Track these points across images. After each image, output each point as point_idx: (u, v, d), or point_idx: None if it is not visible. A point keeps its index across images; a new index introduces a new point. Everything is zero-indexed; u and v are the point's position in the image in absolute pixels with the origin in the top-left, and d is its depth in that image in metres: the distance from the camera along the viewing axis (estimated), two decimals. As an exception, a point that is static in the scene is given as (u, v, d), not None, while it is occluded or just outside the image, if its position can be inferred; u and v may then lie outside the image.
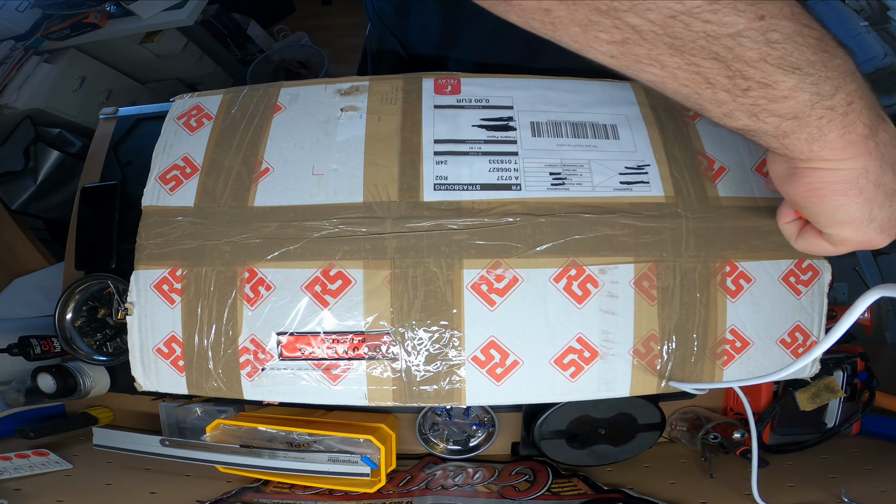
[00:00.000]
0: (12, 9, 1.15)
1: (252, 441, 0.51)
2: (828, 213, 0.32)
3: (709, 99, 0.28)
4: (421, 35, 0.69)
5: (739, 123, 0.30)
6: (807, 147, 0.29)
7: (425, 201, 0.46)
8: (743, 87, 0.27)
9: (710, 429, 0.54)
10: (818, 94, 0.27)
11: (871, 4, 1.00)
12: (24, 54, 1.17)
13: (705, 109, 0.30)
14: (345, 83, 0.53)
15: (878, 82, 0.99)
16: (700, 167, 0.49)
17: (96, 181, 0.65)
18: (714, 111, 0.29)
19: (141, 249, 0.47)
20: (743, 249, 0.47)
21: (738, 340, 0.47)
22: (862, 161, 0.30)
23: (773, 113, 0.28)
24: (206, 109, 0.52)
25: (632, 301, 0.46)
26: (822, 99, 0.27)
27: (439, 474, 0.54)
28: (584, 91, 0.53)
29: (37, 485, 0.50)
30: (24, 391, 0.60)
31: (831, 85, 0.27)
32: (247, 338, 0.46)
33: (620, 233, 0.46)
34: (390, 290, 0.45)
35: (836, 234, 0.34)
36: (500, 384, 0.46)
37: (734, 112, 0.29)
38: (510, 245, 0.46)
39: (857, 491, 0.47)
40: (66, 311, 0.61)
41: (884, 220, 0.32)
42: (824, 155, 0.30)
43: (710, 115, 0.30)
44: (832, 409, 0.59)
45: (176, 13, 1.24)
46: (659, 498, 0.48)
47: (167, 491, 0.50)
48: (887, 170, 0.30)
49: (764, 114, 0.28)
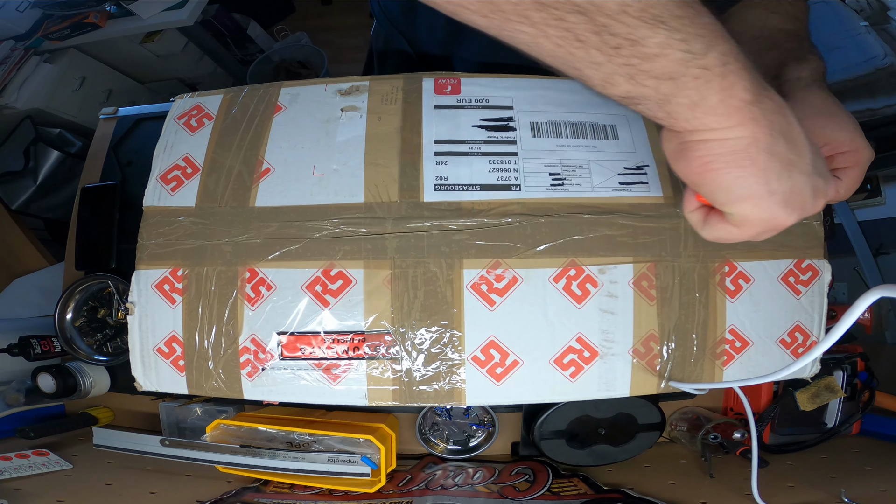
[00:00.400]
0: (12, 9, 1.15)
1: (252, 441, 0.51)
2: (725, 189, 0.31)
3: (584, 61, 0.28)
4: (428, 33, 0.69)
5: (621, 90, 0.29)
6: (690, 114, 0.29)
7: (425, 202, 0.47)
8: (613, 44, 0.26)
9: (710, 429, 0.54)
10: (689, 52, 0.26)
11: (871, 4, 1.00)
12: (24, 54, 1.17)
13: (585, 76, 0.29)
14: (345, 83, 0.53)
15: (878, 82, 0.99)
16: None
17: (96, 181, 0.65)
18: (594, 76, 0.29)
19: (142, 249, 0.47)
20: (742, 249, 0.47)
21: (737, 340, 0.47)
22: (749, 128, 0.29)
23: (649, 74, 0.27)
24: (206, 109, 0.52)
25: (631, 301, 0.46)
26: (694, 57, 0.26)
27: (439, 474, 0.54)
28: (584, 91, 0.53)
29: (37, 485, 0.50)
30: (24, 391, 0.60)
31: (702, 43, 0.26)
32: (247, 337, 0.46)
33: (619, 233, 0.46)
34: (390, 290, 0.45)
35: (737, 214, 0.33)
36: (500, 384, 0.46)
37: (613, 76, 0.28)
38: (510, 245, 0.46)
39: (857, 491, 0.47)
40: (66, 311, 0.61)
41: (786, 194, 0.31)
42: (709, 122, 0.29)
43: (593, 83, 0.29)
44: (832, 409, 0.59)
45: (176, 13, 1.24)
46: (659, 498, 0.48)
47: (167, 491, 0.50)
48: (779, 138, 0.30)
49: (641, 76, 0.28)
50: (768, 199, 0.31)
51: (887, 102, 0.98)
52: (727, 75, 0.27)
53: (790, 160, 0.30)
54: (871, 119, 0.99)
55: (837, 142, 0.48)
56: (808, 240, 0.47)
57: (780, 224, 0.33)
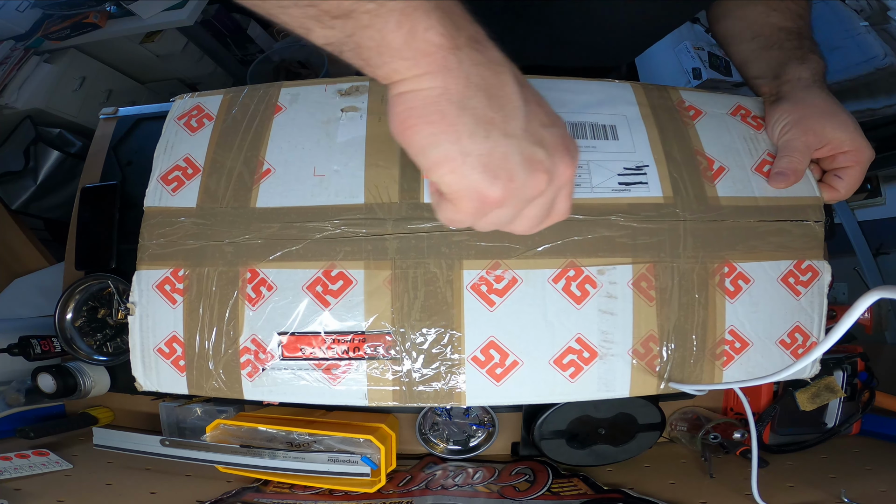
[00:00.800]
0: (12, 9, 1.15)
1: (252, 441, 0.51)
2: (422, 152, 0.28)
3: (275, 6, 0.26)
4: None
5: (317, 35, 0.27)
6: (379, 58, 0.26)
7: (426, 202, 0.47)
8: None
9: (710, 429, 0.54)
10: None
11: (871, 4, 1.01)
12: (24, 54, 1.17)
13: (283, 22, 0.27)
14: (345, 83, 0.53)
15: (878, 82, 0.99)
16: (699, 167, 0.49)
17: (96, 181, 0.65)
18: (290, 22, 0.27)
19: (143, 250, 0.47)
20: (741, 250, 0.47)
21: (737, 341, 0.47)
22: (440, 78, 0.26)
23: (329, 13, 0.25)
24: (206, 110, 0.52)
25: (630, 302, 0.46)
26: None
27: (439, 474, 0.54)
28: (584, 91, 0.53)
29: (37, 485, 0.50)
30: (24, 391, 0.60)
31: None
32: (248, 338, 0.46)
33: (618, 234, 0.46)
34: (391, 291, 0.45)
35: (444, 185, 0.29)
36: (499, 384, 0.46)
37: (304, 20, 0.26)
38: (509, 246, 0.46)
39: (857, 491, 0.47)
40: (66, 311, 0.61)
41: (483, 156, 0.27)
42: (399, 69, 0.26)
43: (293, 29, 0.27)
44: (832, 409, 0.59)
45: (176, 13, 1.24)
46: (659, 498, 0.48)
47: (167, 491, 0.50)
48: (477, 92, 0.27)
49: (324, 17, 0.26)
50: (462, 161, 0.27)
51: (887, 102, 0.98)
52: (410, 12, 0.25)
53: (489, 118, 0.27)
54: (871, 119, 0.99)
55: (838, 141, 0.48)
56: (808, 240, 0.47)
57: (487, 197, 0.28)
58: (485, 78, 0.27)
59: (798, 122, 0.48)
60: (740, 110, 0.54)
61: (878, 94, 0.99)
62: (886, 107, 0.98)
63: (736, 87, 1.22)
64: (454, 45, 0.26)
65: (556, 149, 0.29)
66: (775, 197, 0.48)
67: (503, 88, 0.28)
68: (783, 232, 0.47)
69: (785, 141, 0.49)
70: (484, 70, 0.27)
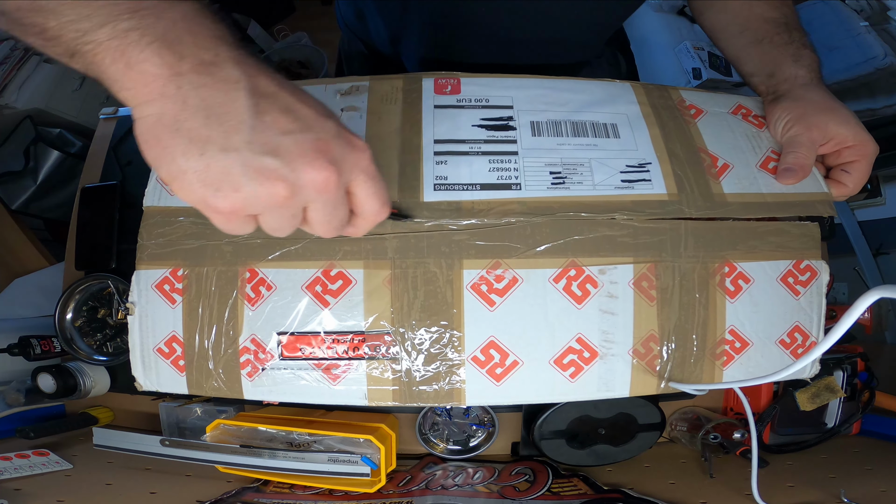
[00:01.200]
0: (12, 9, 1.15)
1: (252, 441, 0.51)
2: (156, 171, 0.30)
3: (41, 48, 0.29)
4: (376, 35, 0.74)
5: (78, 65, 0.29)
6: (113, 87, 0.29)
7: (425, 201, 0.46)
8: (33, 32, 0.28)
9: (710, 429, 0.54)
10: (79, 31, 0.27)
11: (871, 4, 1.01)
12: (24, 54, 1.17)
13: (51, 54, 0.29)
14: (345, 83, 0.53)
15: (878, 82, 0.99)
16: (703, 164, 0.49)
17: (96, 181, 0.65)
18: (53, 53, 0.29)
19: (142, 249, 0.47)
20: (741, 250, 0.47)
21: (737, 341, 0.47)
22: (157, 105, 0.28)
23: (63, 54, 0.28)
24: (206, 109, 0.52)
25: (631, 301, 0.46)
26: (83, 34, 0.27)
27: (439, 474, 0.54)
28: (584, 90, 0.53)
29: (37, 485, 0.50)
30: (24, 391, 0.60)
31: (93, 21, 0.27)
32: (247, 338, 0.46)
33: (619, 233, 0.46)
34: (390, 291, 0.45)
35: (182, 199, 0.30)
36: (499, 384, 0.46)
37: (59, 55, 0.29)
38: (510, 245, 0.46)
39: (857, 491, 0.47)
40: (66, 311, 0.61)
41: (200, 172, 0.28)
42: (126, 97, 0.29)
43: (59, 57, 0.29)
44: (832, 409, 0.59)
45: (176, 13, 1.24)
46: (659, 498, 0.48)
47: (167, 491, 0.50)
48: (193, 114, 0.28)
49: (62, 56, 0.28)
50: (183, 177, 0.29)
51: (887, 102, 0.98)
52: (123, 48, 0.27)
53: (204, 136, 0.28)
54: (872, 119, 1.00)
55: (841, 136, 0.48)
56: (806, 241, 0.47)
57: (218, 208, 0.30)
58: (206, 98, 0.28)
59: (800, 119, 0.48)
60: (741, 109, 0.54)
61: (878, 94, 0.99)
62: (886, 107, 0.98)
63: (736, 87, 1.22)
64: (174, 73, 0.28)
65: (296, 155, 0.29)
66: (783, 193, 0.48)
67: (229, 105, 0.29)
68: (782, 232, 0.47)
69: (790, 137, 0.49)
70: (207, 91, 0.28)
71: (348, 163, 0.31)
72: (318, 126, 0.31)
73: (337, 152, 0.31)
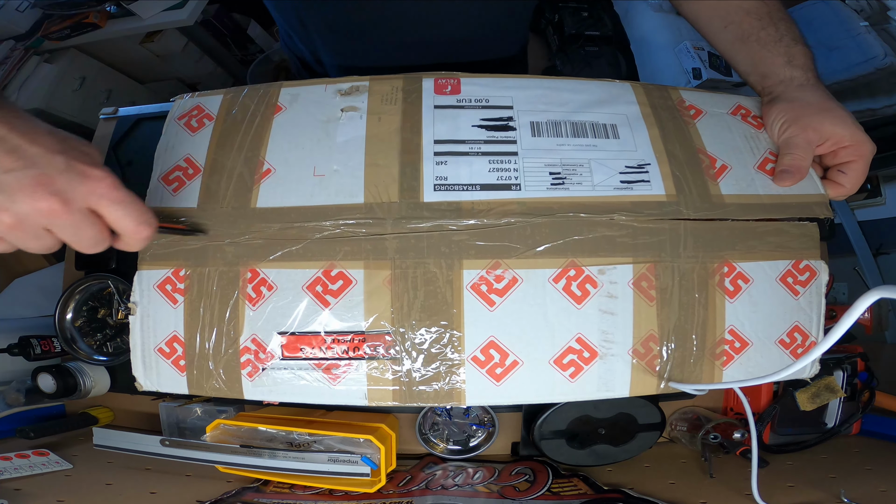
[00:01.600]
0: (12, 9, 1.15)
1: (252, 441, 0.51)
2: None
3: None
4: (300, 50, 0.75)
5: None
6: None
7: (425, 202, 0.47)
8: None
9: (710, 429, 0.54)
10: None
11: (871, 4, 1.01)
12: (24, 54, 1.17)
13: None
14: (345, 83, 0.53)
15: (878, 82, 0.99)
16: (702, 165, 0.49)
17: (97, 181, 0.65)
18: None
19: (144, 250, 0.47)
20: (741, 250, 0.47)
21: (737, 341, 0.47)
22: None
23: None
24: (206, 110, 0.52)
25: (631, 301, 0.46)
26: None
27: (439, 474, 0.54)
28: (584, 91, 0.53)
29: (37, 485, 0.50)
30: (24, 391, 0.60)
31: None
32: (248, 338, 0.46)
33: (619, 233, 0.46)
34: (391, 291, 0.45)
35: None
36: (499, 384, 0.46)
37: None
38: (510, 246, 0.46)
39: (857, 491, 0.47)
40: (66, 311, 0.61)
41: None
42: None
43: None
44: (832, 409, 0.59)
45: (176, 13, 1.24)
46: (659, 498, 0.48)
47: (167, 491, 0.50)
48: None
49: None
50: None
51: (887, 102, 0.98)
52: None
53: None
54: (871, 119, 1.00)
55: (838, 136, 0.48)
56: (805, 241, 0.47)
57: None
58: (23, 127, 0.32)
59: (796, 120, 0.48)
60: (740, 110, 0.54)
61: (878, 94, 0.99)
62: (886, 107, 0.98)
63: (736, 87, 1.22)
64: None
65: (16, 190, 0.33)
66: (780, 195, 0.48)
67: None
68: (781, 232, 0.47)
69: (786, 139, 0.49)
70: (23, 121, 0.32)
71: (79, 192, 0.35)
72: (44, 162, 0.34)
73: (61, 184, 0.34)
